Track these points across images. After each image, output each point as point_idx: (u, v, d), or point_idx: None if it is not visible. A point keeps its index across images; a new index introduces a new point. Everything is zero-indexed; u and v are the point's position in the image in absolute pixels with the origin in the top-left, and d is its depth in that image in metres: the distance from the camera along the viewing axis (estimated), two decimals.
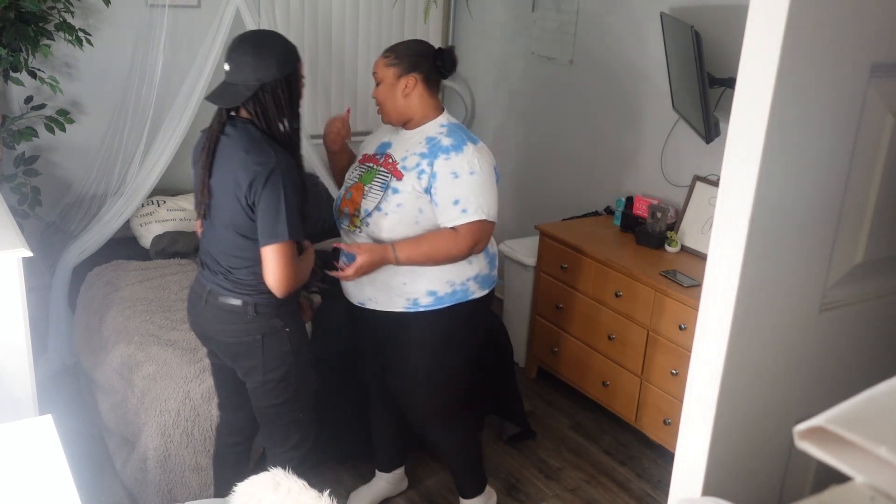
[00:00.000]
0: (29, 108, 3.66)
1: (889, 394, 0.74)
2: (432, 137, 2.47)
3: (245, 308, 2.26)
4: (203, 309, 2.33)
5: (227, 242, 2.24)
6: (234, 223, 2.20)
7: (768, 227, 1.36)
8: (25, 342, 2.47)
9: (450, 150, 2.42)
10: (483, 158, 2.44)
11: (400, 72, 2.48)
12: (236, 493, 1.79)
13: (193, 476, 2.78)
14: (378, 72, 2.52)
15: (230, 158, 2.18)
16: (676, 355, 3.17)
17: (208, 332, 2.38)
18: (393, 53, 2.52)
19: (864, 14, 1.34)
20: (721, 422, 1.45)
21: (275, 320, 2.28)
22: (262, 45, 2.16)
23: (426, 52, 2.52)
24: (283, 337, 2.30)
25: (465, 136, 2.47)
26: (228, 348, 2.35)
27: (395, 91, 2.49)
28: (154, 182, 3.71)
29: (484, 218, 2.41)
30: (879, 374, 0.88)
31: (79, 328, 3.46)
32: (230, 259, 2.25)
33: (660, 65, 3.59)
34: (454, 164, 2.40)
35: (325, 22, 4.48)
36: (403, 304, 2.51)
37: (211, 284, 2.30)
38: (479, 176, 2.41)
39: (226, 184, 2.18)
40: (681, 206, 3.59)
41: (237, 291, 2.26)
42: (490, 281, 2.62)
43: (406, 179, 2.44)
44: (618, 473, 3.34)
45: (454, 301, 2.52)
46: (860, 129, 1.43)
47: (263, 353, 2.29)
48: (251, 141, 2.15)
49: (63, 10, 3.51)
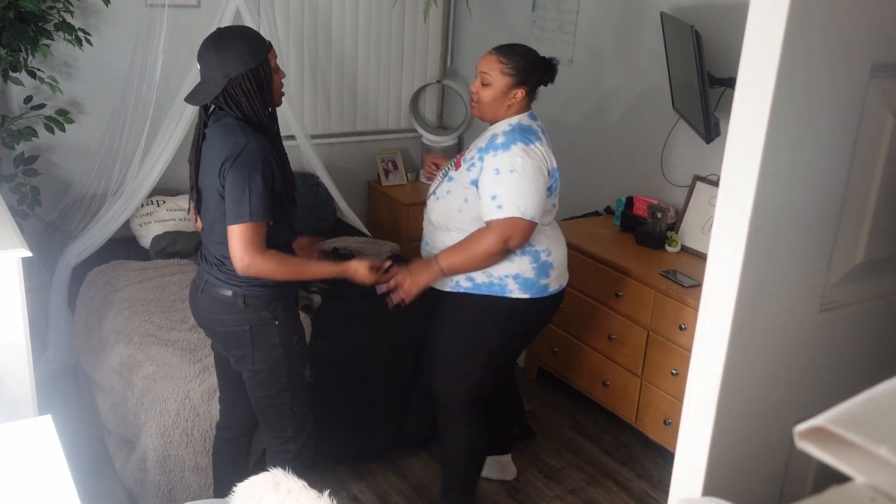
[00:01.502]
0: (28, 108, 3.66)
1: (889, 394, 0.74)
2: (496, 134, 2.54)
3: (235, 299, 2.33)
4: (199, 298, 2.42)
5: (216, 233, 2.31)
6: (219, 213, 2.26)
7: (768, 227, 1.36)
8: (25, 342, 2.46)
9: (499, 147, 2.48)
10: (529, 158, 2.46)
11: (513, 83, 2.53)
12: (236, 493, 1.79)
13: (193, 476, 2.78)
14: (490, 74, 2.54)
15: (211, 150, 2.26)
16: (676, 355, 3.17)
17: (203, 321, 2.47)
18: (510, 61, 2.53)
19: (864, 14, 1.34)
20: (721, 422, 1.45)
21: (264, 312, 2.34)
22: (224, 42, 2.23)
23: (538, 63, 2.57)
24: (272, 329, 2.36)
25: (519, 136, 2.50)
26: (221, 337, 2.44)
27: (503, 99, 2.55)
28: (154, 182, 3.71)
29: (518, 215, 2.43)
30: (879, 374, 0.88)
31: (78, 328, 3.46)
32: (220, 248, 2.31)
33: (660, 65, 3.59)
34: (499, 160, 2.46)
35: (325, 22, 4.48)
36: (450, 284, 2.61)
37: (207, 275, 2.38)
38: (520, 175, 2.44)
39: (209, 176, 2.26)
40: (681, 206, 3.59)
41: (228, 282, 2.33)
42: (536, 288, 2.60)
43: (461, 169, 2.57)
44: (618, 473, 3.34)
45: (490, 292, 2.58)
46: (860, 129, 1.43)
47: (252, 343, 2.35)
48: (226, 129, 2.24)
49: (63, 10, 3.51)
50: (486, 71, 2.55)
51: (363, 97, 4.76)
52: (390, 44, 4.74)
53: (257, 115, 2.26)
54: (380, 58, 4.73)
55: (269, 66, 2.28)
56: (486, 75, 2.54)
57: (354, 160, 4.83)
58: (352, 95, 4.72)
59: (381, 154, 4.87)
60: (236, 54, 2.21)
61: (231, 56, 2.21)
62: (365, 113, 4.81)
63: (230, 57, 2.21)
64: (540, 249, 2.58)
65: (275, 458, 2.45)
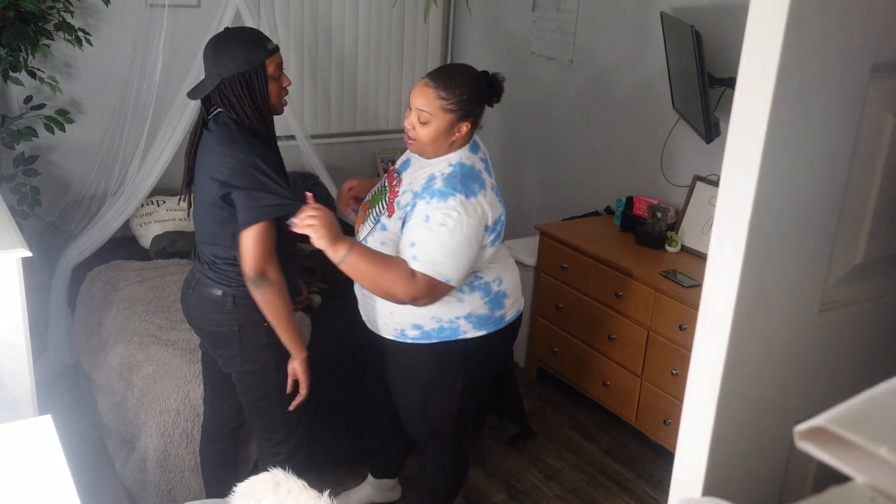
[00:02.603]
0: (28, 108, 3.66)
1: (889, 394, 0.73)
2: (433, 176, 2.27)
3: (224, 298, 2.32)
4: (190, 297, 2.42)
5: (207, 233, 2.32)
6: (211, 214, 2.27)
7: (768, 227, 1.36)
8: (25, 342, 2.46)
9: (435, 194, 2.20)
10: (466, 216, 2.18)
11: (456, 119, 2.22)
12: (236, 493, 1.78)
13: (193, 476, 2.78)
14: (428, 111, 2.21)
15: (208, 152, 2.26)
16: (676, 355, 3.17)
17: (193, 320, 2.46)
18: (452, 95, 2.20)
19: (864, 14, 1.34)
20: (721, 422, 1.45)
21: (253, 313, 2.31)
22: (223, 41, 2.23)
23: (482, 88, 2.27)
24: (260, 331, 2.34)
25: (459, 185, 2.21)
26: (209, 336, 2.43)
27: (446, 137, 2.25)
28: (154, 182, 3.71)
29: (432, 275, 2.17)
30: (879, 374, 0.88)
31: (78, 328, 3.46)
32: (212, 248, 2.32)
33: (660, 65, 3.59)
34: (431, 209, 2.19)
35: (325, 22, 4.48)
36: (392, 332, 2.40)
37: (199, 274, 2.38)
38: (449, 234, 2.16)
39: (203, 176, 2.26)
40: (681, 206, 3.59)
41: (218, 282, 2.32)
42: (492, 322, 2.38)
43: (394, 218, 2.29)
44: (618, 473, 3.34)
45: (442, 338, 2.35)
46: (860, 129, 1.43)
47: (241, 344, 2.35)
48: (227, 134, 2.23)
49: (63, 10, 3.51)
50: (424, 108, 2.21)
51: (363, 97, 4.76)
52: (390, 44, 4.74)
53: (249, 118, 2.24)
54: (380, 58, 4.73)
55: (265, 72, 2.23)
56: (424, 113, 2.21)
57: (354, 160, 4.83)
58: (352, 95, 4.72)
59: (381, 154, 4.87)
60: (230, 55, 2.21)
61: (225, 57, 2.21)
62: (365, 113, 4.81)
63: (224, 57, 2.21)
64: (490, 280, 2.35)
65: (267, 460, 2.43)
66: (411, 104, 2.27)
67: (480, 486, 3.19)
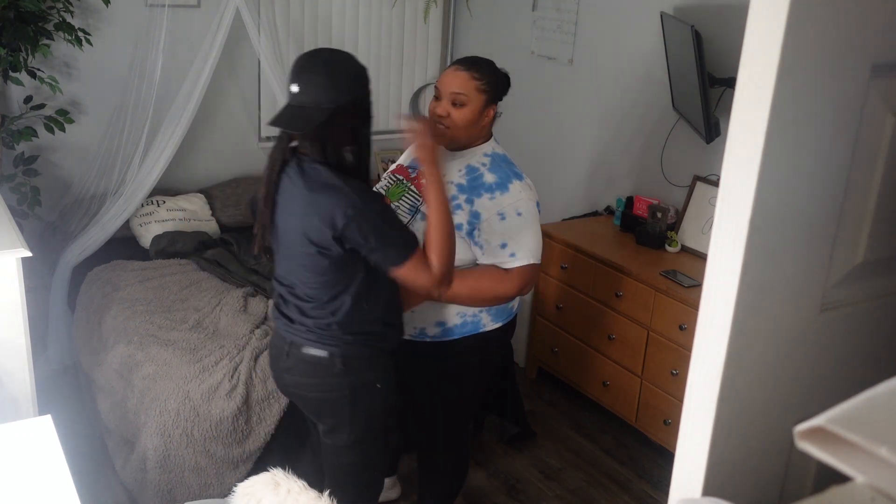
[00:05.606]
0: (28, 108, 3.66)
1: (889, 394, 0.73)
2: (474, 168, 2.29)
3: (332, 360, 2.05)
4: (285, 363, 2.13)
5: (304, 283, 2.04)
6: (311, 263, 2.00)
7: (768, 227, 1.36)
8: (25, 342, 2.47)
9: (494, 188, 2.25)
10: (529, 196, 2.29)
11: (487, 100, 2.27)
12: (236, 493, 1.78)
13: (193, 476, 2.78)
14: (465, 93, 2.23)
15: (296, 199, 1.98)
16: (676, 355, 3.17)
17: (291, 387, 2.19)
18: (483, 76, 2.26)
19: (864, 14, 1.34)
20: (721, 422, 1.45)
21: (366, 373, 2.08)
22: (335, 65, 1.97)
23: (501, 76, 2.32)
24: (373, 393, 2.10)
25: (509, 172, 2.29)
26: (312, 404, 2.17)
27: (479, 120, 2.27)
28: (154, 182, 3.71)
29: (533, 262, 2.27)
30: (879, 374, 0.88)
31: (78, 328, 3.46)
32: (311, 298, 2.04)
33: (660, 65, 3.59)
34: (500, 204, 2.24)
35: (325, 22, 4.48)
36: (410, 331, 2.34)
37: (291, 336, 2.09)
38: (525, 218, 2.25)
39: (294, 223, 1.99)
40: (681, 206, 3.59)
41: (323, 342, 2.05)
42: (505, 312, 2.43)
43: None
44: (618, 474, 3.34)
45: (463, 333, 2.35)
46: (860, 129, 1.43)
47: (350, 409, 2.09)
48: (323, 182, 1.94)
49: (62, 10, 3.51)
50: (460, 90, 2.23)
51: None
52: (390, 44, 4.74)
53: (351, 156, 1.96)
54: (380, 58, 4.73)
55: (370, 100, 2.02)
56: (461, 95, 2.23)
57: None
58: None
59: (381, 154, 4.87)
60: (349, 80, 1.94)
61: (343, 81, 1.93)
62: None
63: (342, 82, 1.92)
64: None
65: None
66: (441, 92, 2.27)
67: (480, 486, 3.18)
